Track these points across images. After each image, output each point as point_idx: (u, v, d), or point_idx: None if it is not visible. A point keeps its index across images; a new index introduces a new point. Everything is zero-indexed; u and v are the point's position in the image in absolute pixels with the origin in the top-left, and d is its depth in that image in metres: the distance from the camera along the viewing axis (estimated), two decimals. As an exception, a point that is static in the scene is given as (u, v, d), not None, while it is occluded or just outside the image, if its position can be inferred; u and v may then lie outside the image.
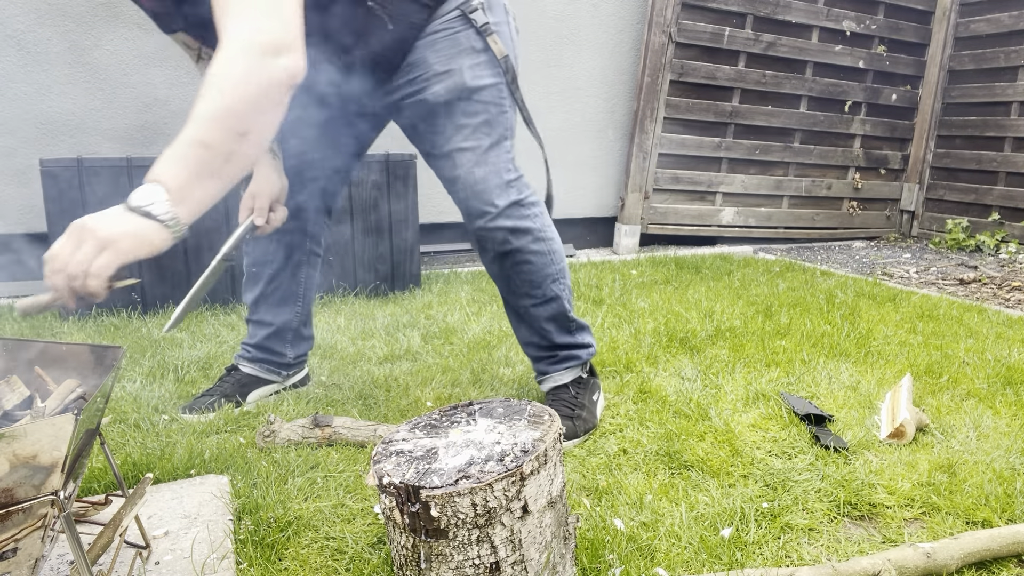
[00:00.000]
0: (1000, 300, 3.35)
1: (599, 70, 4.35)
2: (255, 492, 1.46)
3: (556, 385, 1.85)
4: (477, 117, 1.65)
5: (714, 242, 4.75)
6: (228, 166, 1.15)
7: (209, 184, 1.14)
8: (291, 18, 1.20)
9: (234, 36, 1.16)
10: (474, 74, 1.63)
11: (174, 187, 1.10)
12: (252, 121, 1.16)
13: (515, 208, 1.70)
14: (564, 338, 1.84)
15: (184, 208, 1.11)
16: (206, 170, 1.13)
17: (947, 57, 4.92)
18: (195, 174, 1.12)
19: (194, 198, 1.13)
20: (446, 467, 1.04)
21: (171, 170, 1.10)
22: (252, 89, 1.15)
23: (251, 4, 1.18)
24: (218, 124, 1.13)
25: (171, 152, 1.11)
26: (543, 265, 1.76)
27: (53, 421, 0.89)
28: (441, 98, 1.63)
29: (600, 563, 1.24)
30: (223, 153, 1.14)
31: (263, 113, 1.17)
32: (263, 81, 1.15)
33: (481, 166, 1.66)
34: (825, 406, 1.95)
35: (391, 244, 3.22)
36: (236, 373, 2.00)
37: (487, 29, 1.62)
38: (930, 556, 1.22)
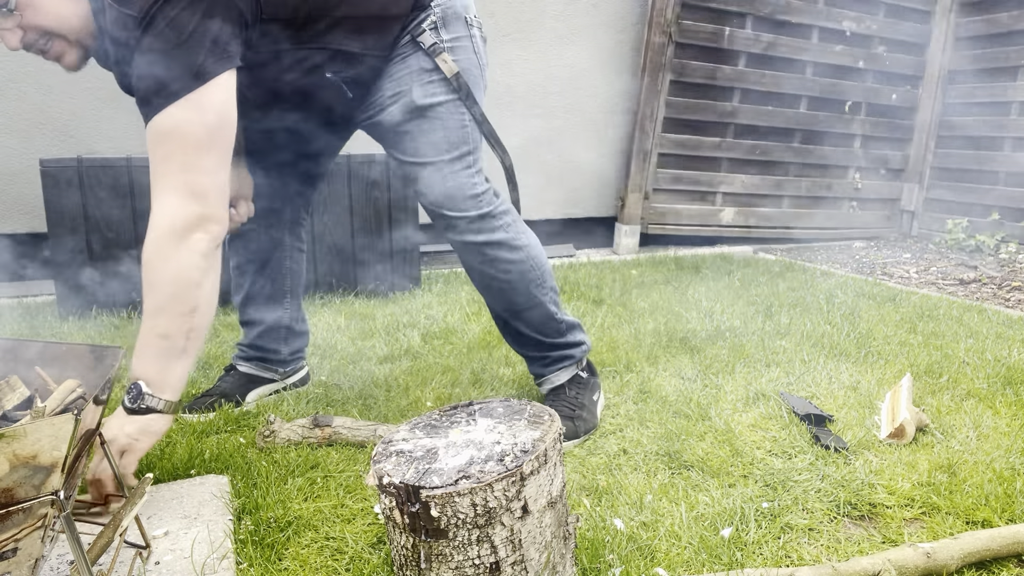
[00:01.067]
0: (1000, 300, 3.35)
1: (599, 70, 4.35)
2: (255, 492, 1.46)
3: (554, 386, 1.84)
4: (434, 134, 1.65)
5: (714, 242, 4.75)
6: (191, 342, 1.34)
7: (181, 362, 1.34)
8: (208, 190, 1.35)
9: (155, 222, 1.32)
10: (424, 92, 1.64)
11: (155, 380, 1.32)
12: (193, 297, 1.33)
13: (485, 220, 1.69)
14: (554, 339, 1.83)
15: (169, 391, 1.33)
16: (174, 354, 1.33)
17: (947, 57, 4.92)
18: (166, 362, 1.33)
19: (174, 379, 1.34)
20: (446, 467, 1.04)
21: (145, 365, 1.32)
22: (183, 272, 1.32)
23: (170, 180, 1.33)
24: (166, 314, 1.31)
25: (140, 349, 1.32)
26: (522, 273, 1.74)
27: (53, 421, 0.89)
28: (396, 118, 1.65)
29: (600, 563, 1.24)
30: (182, 333, 1.32)
31: (199, 285, 1.34)
32: (188, 261, 1.32)
33: (444, 181, 1.66)
34: (825, 406, 1.95)
35: (391, 244, 3.22)
36: (235, 373, 2.00)
37: (435, 49, 1.62)
38: (930, 556, 1.22)
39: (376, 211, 3.17)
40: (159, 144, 1.33)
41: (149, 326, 1.31)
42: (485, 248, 1.71)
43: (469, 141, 1.69)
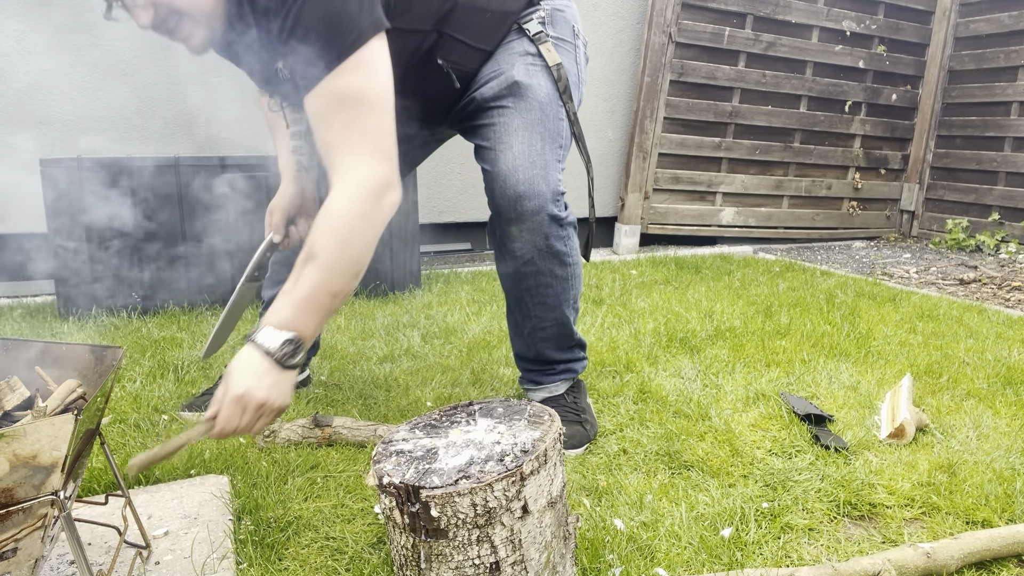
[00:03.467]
0: (1000, 300, 3.35)
1: (599, 70, 4.35)
2: (255, 492, 1.46)
3: (552, 395, 1.82)
4: (532, 114, 1.58)
5: (714, 242, 4.75)
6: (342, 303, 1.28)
7: (325, 322, 1.28)
8: (392, 152, 1.28)
9: (347, 180, 1.24)
10: (526, 71, 1.59)
11: (308, 334, 1.23)
12: (367, 259, 1.28)
13: (552, 225, 1.59)
14: (563, 355, 1.81)
15: (304, 348, 1.23)
16: (330, 313, 1.26)
17: (947, 57, 4.92)
18: (323, 318, 1.25)
19: (312, 337, 1.25)
20: (446, 467, 1.04)
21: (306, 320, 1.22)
22: (371, 234, 1.26)
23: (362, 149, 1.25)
24: (347, 274, 1.24)
25: (302, 300, 1.21)
26: (562, 290, 1.69)
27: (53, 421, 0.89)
28: (493, 92, 1.59)
29: (600, 563, 1.24)
30: (344, 294, 1.26)
31: (373, 250, 1.28)
32: (377, 224, 1.26)
33: (534, 166, 1.55)
34: (825, 406, 1.95)
35: (391, 244, 3.22)
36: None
37: (540, 38, 1.60)
38: (930, 556, 1.22)
39: (376, 211, 3.16)
40: (339, 110, 1.25)
41: (326, 283, 1.21)
42: (541, 256, 1.62)
43: (564, 136, 1.63)
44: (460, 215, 4.06)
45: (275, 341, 1.18)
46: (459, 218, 4.07)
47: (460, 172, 4.00)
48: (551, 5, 1.65)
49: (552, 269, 1.65)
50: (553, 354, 1.80)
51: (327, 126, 1.26)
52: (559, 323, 1.74)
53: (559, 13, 1.66)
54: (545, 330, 1.75)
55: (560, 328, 1.76)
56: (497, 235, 1.66)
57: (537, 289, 1.68)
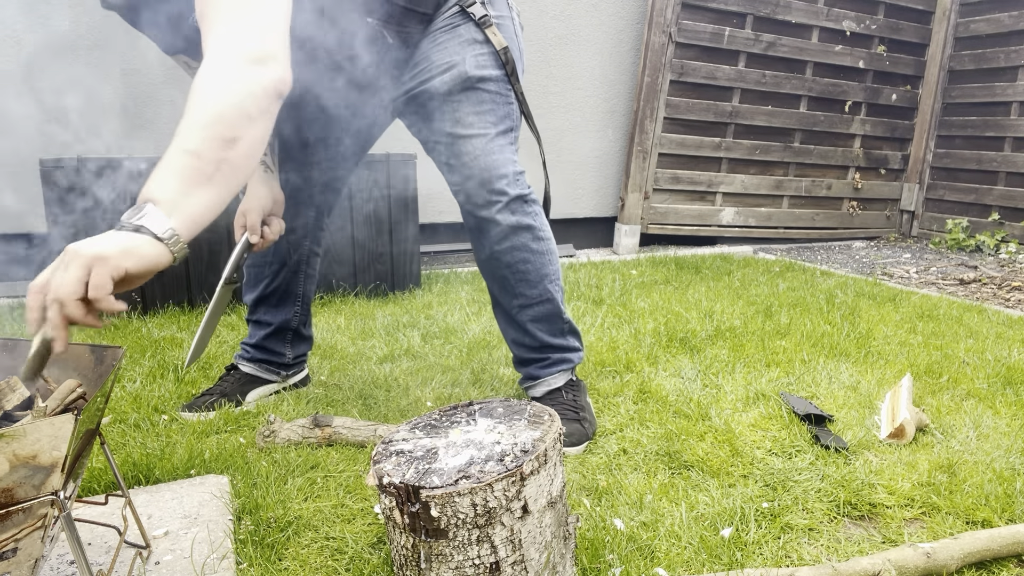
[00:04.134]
0: (1000, 300, 3.35)
1: (599, 70, 4.35)
2: (255, 492, 1.46)
3: (550, 389, 1.83)
4: (483, 105, 1.65)
5: (714, 242, 4.75)
6: (219, 175, 1.11)
7: (202, 194, 1.10)
8: (275, 29, 1.20)
9: (217, 46, 1.16)
10: (477, 63, 1.64)
11: (165, 199, 1.06)
12: (240, 128, 1.13)
13: (519, 203, 1.69)
14: (556, 339, 1.82)
15: (177, 219, 1.06)
16: (197, 179, 1.09)
17: (947, 57, 4.92)
18: (186, 184, 1.08)
19: (188, 209, 1.08)
20: (446, 467, 1.04)
21: (160, 183, 1.07)
22: (238, 95, 1.13)
23: (235, 17, 1.18)
24: (206, 131, 1.10)
25: (159, 166, 1.09)
26: (540, 265, 1.75)
27: (53, 421, 0.89)
28: (445, 87, 1.64)
29: (600, 563, 1.24)
30: (212, 160, 1.10)
31: (251, 120, 1.15)
32: (249, 87, 1.14)
33: (490, 154, 1.65)
34: (825, 406, 1.95)
35: (391, 244, 3.22)
36: (236, 373, 2.00)
37: (486, 21, 1.64)
38: (930, 556, 1.22)
39: (376, 211, 3.17)
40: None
41: (179, 140, 1.09)
42: (515, 233, 1.70)
43: (513, 117, 1.70)
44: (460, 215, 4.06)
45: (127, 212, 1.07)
46: (459, 218, 4.05)
47: (460, 172, 3.99)
48: None
49: (526, 243, 1.72)
50: (546, 337, 1.81)
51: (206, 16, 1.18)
52: (544, 299, 1.78)
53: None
54: (532, 308, 1.78)
55: (548, 306, 1.79)
56: (471, 223, 1.73)
57: (516, 266, 1.73)
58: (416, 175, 3.20)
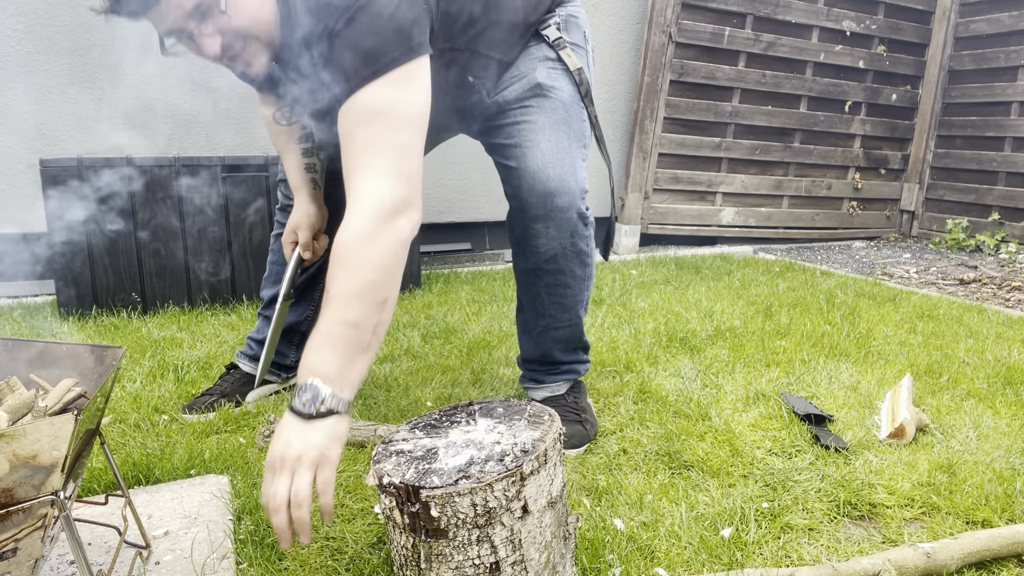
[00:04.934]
0: (1000, 300, 3.35)
1: (599, 70, 4.35)
2: (255, 492, 1.46)
3: (553, 395, 1.82)
4: (556, 113, 1.59)
5: (714, 242, 4.75)
6: (376, 337, 1.18)
7: (363, 358, 1.17)
8: (415, 172, 1.24)
9: (361, 203, 1.19)
10: (548, 75, 1.61)
11: (335, 376, 1.12)
12: (389, 288, 1.19)
13: (581, 222, 1.60)
14: (568, 356, 1.82)
15: (348, 390, 1.14)
16: (358, 348, 1.15)
17: (947, 57, 4.92)
18: (350, 356, 1.14)
19: (352, 377, 1.15)
20: (446, 467, 1.04)
21: (327, 360, 1.13)
22: (386, 258, 1.18)
23: (379, 163, 1.21)
24: (362, 301, 1.16)
25: (321, 340, 1.14)
26: (578, 291, 1.70)
27: (53, 421, 0.89)
28: (516, 94, 1.60)
29: (600, 563, 1.24)
30: (370, 328, 1.16)
31: (396, 276, 1.21)
32: (393, 247, 1.19)
33: (563, 163, 1.56)
34: (825, 406, 1.95)
35: (391, 244, 3.21)
36: (236, 372, 2.00)
37: (560, 43, 1.62)
38: (930, 556, 1.22)
39: (376, 211, 3.16)
40: (367, 123, 1.22)
41: (338, 314, 1.14)
42: (563, 255, 1.62)
43: (586, 136, 1.65)
44: (460, 215, 4.06)
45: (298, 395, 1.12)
46: (459, 218, 4.07)
47: (460, 172, 3.99)
48: (566, 11, 1.66)
49: (572, 269, 1.66)
50: (560, 355, 1.80)
51: (352, 142, 1.23)
52: (572, 324, 1.75)
53: (573, 19, 1.67)
54: (558, 331, 1.75)
55: (572, 330, 1.76)
56: (518, 232, 1.63)
57: (556, 288, 1.68)
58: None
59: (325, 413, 1.10)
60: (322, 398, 1.10)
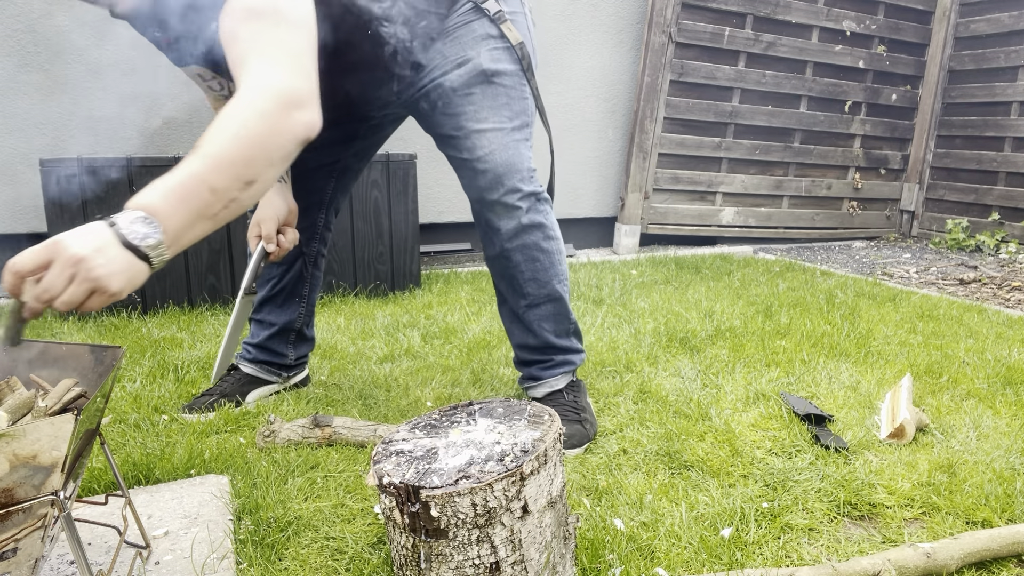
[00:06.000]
0: (1000, 300, 3.35)
1: (599, 70, 4.35)
2: (255, 492, 1.46)
3: (552, 391, 1.83)
4: (498, 99, 1.64)
5: (714, 242, 4.75)
6: (225, 211, 1.12)
7: (201, 226, 1.10)
8: (310, 74, 1.20)
9: (256, 82, 1.14)
10: (492, 57, 1.63)
11: (171, 227, 1.04)
12: (262, 171, 1.13)
13: (532, 200, 1.69)
14: (561, 340, 1.82)
15: (174, 248, 1.06)
16: (206, 213, 1.09)
17: (947, 57, 4.92)
18: (194, 216, 1.07)
19: (184, 239, 1.08)
20: (446, 467, 1.04)
21: (172, 208, 1.05)
22: (270, 139, 1.13)
23: (273, 56, 1.17)
24: (230, 170, 1.10)
25: (172, 185, 1.06)
26: (550, 264, 1.75)
27: (53, 421, 0.89)
28: (460, 80, 1.63)
29: (600, 563, 1.24)
30: (226, 199, 1.10)
31: (274, 164, 1.15)
32: (281, 132, 1.14)
33: (507, 149, 1.64)
34: (825, 406, 1.95)
35: (391, 244, 3.22)
36: (236, 373, 2.00)
37: (500, 16, 1.63)
38: (930, 556, 1.22)
39: (376, 211, 3.17)
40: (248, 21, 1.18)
41: (200, 169, 1.08)
42: (526, 231, 1.69)
43: (528, 113, 1.69)
44: (460, 215, 4.06)
45: (126, 216, 1.02)
46: (459, 218, 4.07)
47: (460, 172, 4.00)
48: None
49: (537, 242, 1.71)
50: (552, 338, 1.81)
51: (236, 41, 1.18)
52: (553, 299, 1.77)
53: None
54: (541, 307, 1.78)
55: (556, 305, 1.78)
56: (481, 221, 1.72)
57: (526, 264, 1.73)
58: (416, 175, 3.20)
59: (142, 254, 1.01)
60: (152, 243, 1.02)
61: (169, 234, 1.04)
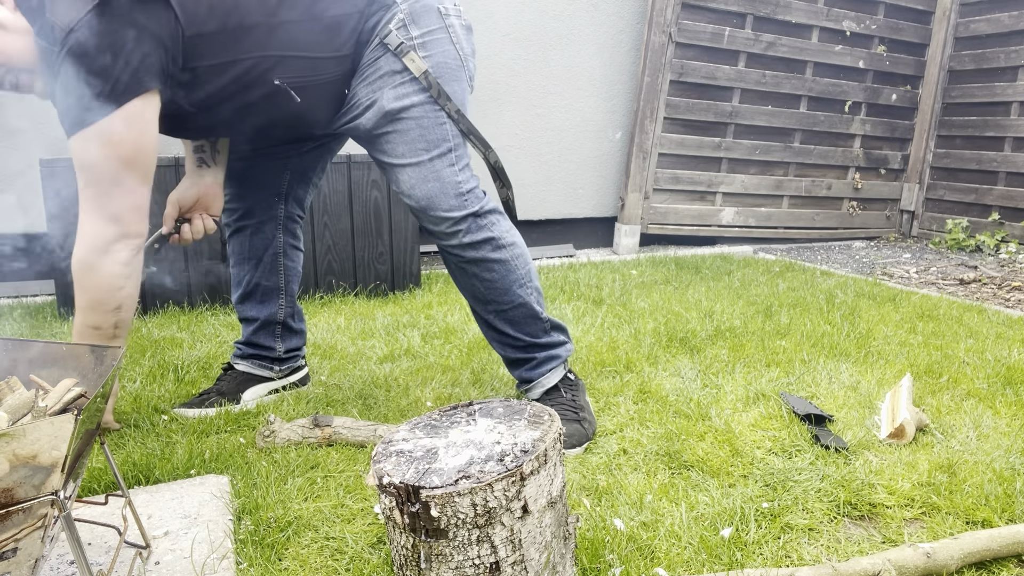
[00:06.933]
0: (1000, 300, 3.35)
1: (599, 70, 4.35)
2: (255, 492, 1.46)
3: (546, 389, 1.83)
4: (410, 133, 1.65)
5: (714, 242, 4.75)
6: (120, 329, 1.55)
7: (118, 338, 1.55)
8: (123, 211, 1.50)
9: (78, 242, 1.50)
10: (395, 95, 1.63)
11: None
12: (117, 297, 1.52)
13: (469, 220, 1.69)
14: (539, 338, 1.82)
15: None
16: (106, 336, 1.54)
17: (947, 57, 4.92)
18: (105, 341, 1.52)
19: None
20: (446, 467, 1.04)
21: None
22: (103, 281, 1.51)
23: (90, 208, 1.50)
24: (95, 312, 1.52)
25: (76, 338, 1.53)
26: (506, 272, 1.74)
27: (53, 421, 0.89)
28: (372, 123, 1.66)
29: (600, 563, 1.24)
30: (110, 325, 1.54)
31: (121, 288, 1.52)
32: (107, 273, 1.50)
33: (427, 181, 1.66)
34: (825, 406, 1.95)
35: (391, 244, 3.22)
36: (232, 372, 2.01)
37: (402, 49, 1.61)
38: (930, 556, 1.22)
39: (376, 211, 3.17)
40: (79, 169, 1.46)
41: (81, 320, 1.52)
42: (471, 248, 1.71)
43: (449, 138, 1.68)
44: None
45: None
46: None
47: (460, 172, 4.00)
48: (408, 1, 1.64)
49: (486, 255, 1.73)
50: (527, 339, 1.81)
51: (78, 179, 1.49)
52: (517, 304, 1.78)
53: (418, 4, 1.63)
54: (506, 312, 1.79)
55: (522, 310, 1.78)
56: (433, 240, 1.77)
57: (482, 275, 1.75)
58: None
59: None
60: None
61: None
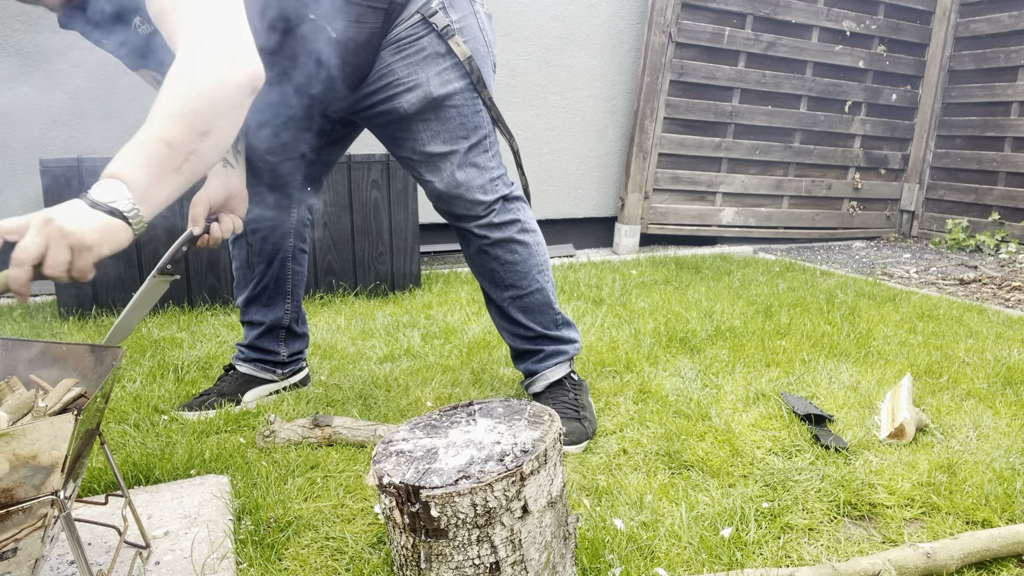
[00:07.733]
0: (1000, 300, 3.35)
1: (599, 70, 4.35)
2: (255, 492, 1.46)
3: (549, 383, 1.83)
4: (452, 122, 1.66)
5: (714, 242, 4.75)
6: (188, 164, 1.15)
7: (169, 182, 1.13)
8: (242, 27, 1.23)
9: (193, 42, 1.17)
10: (441, 80, 1.63)
11: (136, 184, 1.08)
12: (214, 121, 1.17)
13: (500, 204, 1.74)
14: (550, 330, 1.84)
15: (146, 206, 1.09)
16: (168, 168, 1.12)
17: (947, 57, 4.92)
18: (157, 172, 1.11)
19: (155, 196, 1.11)
20: (446, 467, 1.04)
21: (134, 167, 1.09)
22: (215, 89, 1.16)
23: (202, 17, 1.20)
24: (181, 122, 1.13)
25: (132, 149, 1.10)
26: (528, 255, 1.78)
27: (53, 421, 0.89)
28: (413, 108, 1.65)
29: (600, 563, 1.24)
30: (184, 152, 1.13)
31: (224, 114, 1.18)
32: (225, 82, 1.17)
33: (464, 168, 1.69)
34: (825, 406, 1.95)
35: (391, 244, 3.22)
36: (234, 373, 2.00)
37: (448, 31, 1.61)
38: (930, 556, 1.22)
39: (376, 211, 3.17)
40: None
41: (154, 128, 1.12)
42: (498, 228, 1.74)
43: (484, 125, 1.71)
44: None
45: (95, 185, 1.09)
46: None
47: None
48: None
49: (513, 236, 1.76)
50: (539, 329, 1.83)
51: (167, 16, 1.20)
52: (536, 290, 1.80)
53: None
54: (523, 299, 1.80)
55: (538, 296, 1.81)
56: (454, 226, 1.78)
57: (504, 257, 1.77)
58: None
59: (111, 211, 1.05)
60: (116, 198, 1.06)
61: (137, 191, 1.08)
